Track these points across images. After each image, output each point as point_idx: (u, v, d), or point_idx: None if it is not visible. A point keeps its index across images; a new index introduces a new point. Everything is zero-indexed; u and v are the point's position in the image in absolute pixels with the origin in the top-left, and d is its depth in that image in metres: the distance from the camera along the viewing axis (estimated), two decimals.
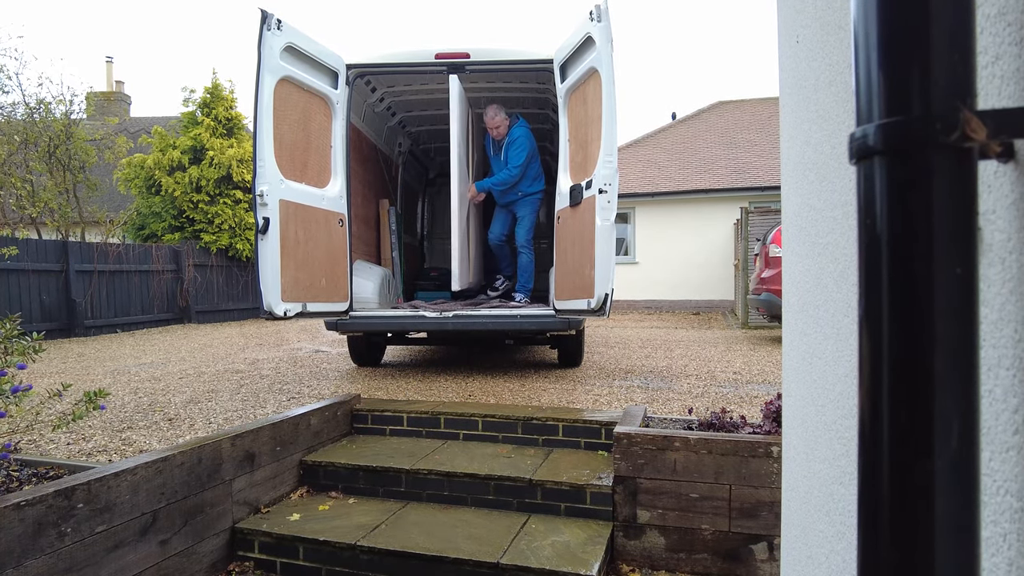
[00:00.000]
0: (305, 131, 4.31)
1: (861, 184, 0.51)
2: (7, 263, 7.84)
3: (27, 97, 11.08)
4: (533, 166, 5.41)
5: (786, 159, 1.07)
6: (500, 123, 5.28)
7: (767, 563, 2.51)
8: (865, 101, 0.50)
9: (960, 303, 0.47)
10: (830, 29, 0.87)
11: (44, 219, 10.79)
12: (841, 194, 0.84)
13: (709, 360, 5.75)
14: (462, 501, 2.85)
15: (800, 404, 1.00)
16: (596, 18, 3.88)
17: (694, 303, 14.19)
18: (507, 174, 5.23)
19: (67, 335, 8.68)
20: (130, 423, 3.33)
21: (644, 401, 3.75)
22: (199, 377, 4.86)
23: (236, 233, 11.91)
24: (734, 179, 14.25)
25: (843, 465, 0.82)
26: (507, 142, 5.28)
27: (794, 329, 1.03)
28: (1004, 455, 0.55)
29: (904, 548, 0.47)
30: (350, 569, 2.45)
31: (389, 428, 3.47)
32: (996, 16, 0.56)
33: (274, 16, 3.94)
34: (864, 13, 0.50)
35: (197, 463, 2.46)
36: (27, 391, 2.34)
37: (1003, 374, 0.56)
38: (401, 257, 6.22)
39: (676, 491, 2.60)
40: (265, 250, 3.88)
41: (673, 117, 19.29)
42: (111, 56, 29.38)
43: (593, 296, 3.90)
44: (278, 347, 7.05)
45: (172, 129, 12.53)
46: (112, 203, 14.38)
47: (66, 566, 1.93)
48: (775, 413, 2.63)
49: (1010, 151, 0.52)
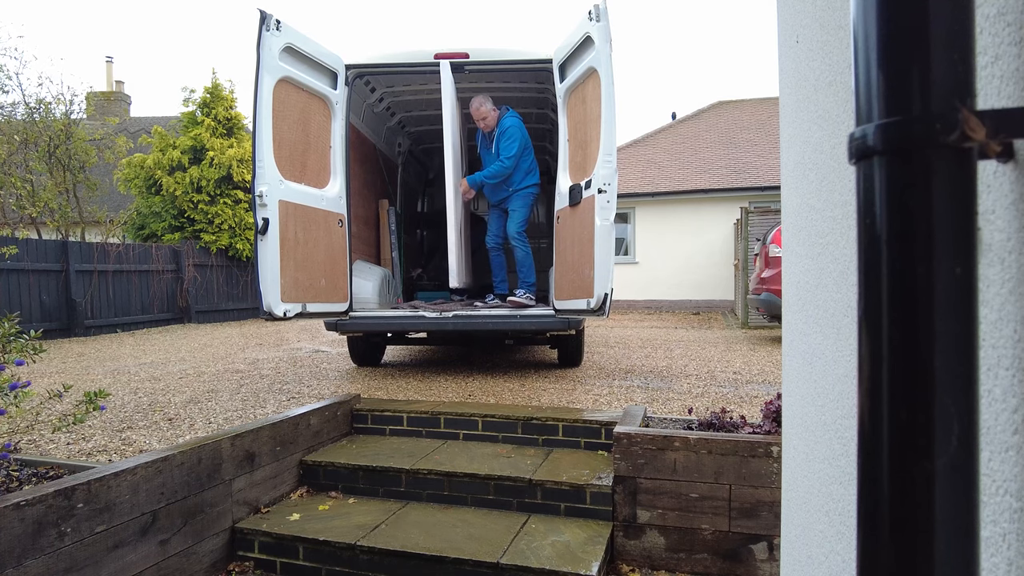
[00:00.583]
0: (304, 131, 4.31)
1: (861, 184, 0.51)
2: (7, 263, 7.84)
3: (27, 97, 11.11)
4: (526, 159, 5.12)
5: (786, 159, 1.07)
6: (486, 114, 5.02)
7: (767, 563, 2.51)
8: (865, 101, 0.50)
9: (959, 303, 0.47)
10: (830, 29, 0.87)
11: (44, 219, 10.79)
12: (841, 194, 0.84)
13: (709, 360, 5.75)
14: (462, 501, 2.85)
15: (800, 404, 1.00)
16: (595, 18, 3.88)
17: (694, 303, 14.19)
18: (499, 166, 4.96)
19: (67, 335, 8.68)
20: (130, 423, 3.33)
21: (644, 401, 3.75)
22: (199, 377, 4.86)
23: (236, 233, 11.91)
24: (734, 179, 14.25)
25: (843, 465, 0.82)
26: (497, 133, 5.03)
27: (794, 329, 1.03)
28: (1004, 455, 0.55)
29: (904, 548, 0.47)
30: (350, 569, 2.45)
31: (389, 428, 3.47)
32: (996, 16, 0.56)
33: (273, 17, 3.94)
34: (864, 13, 0.50)
35: (197, 463, 2.46)
36: (25, 388, 2.34)
37: (1003, 374, 0.56)
38: (401, 257, 6.22)
39: (676, 491, 2.60)
40: (265, 251, 3.88)
41: (673, 117, 19.29)
42: (111, 56, 29.35)
43: (593, 296, 3.91)
44: (278, 347, 7.05)
45: (172, 129, 12.54)
46: (112, 203, 14.39)
47: (66, 566, 1.93)
48: (775, 413, 2.63)
49: (1009, 151, 0.52)
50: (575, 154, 4.34)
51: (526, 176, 5.14)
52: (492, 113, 5.05)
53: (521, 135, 5.00)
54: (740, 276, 10.35)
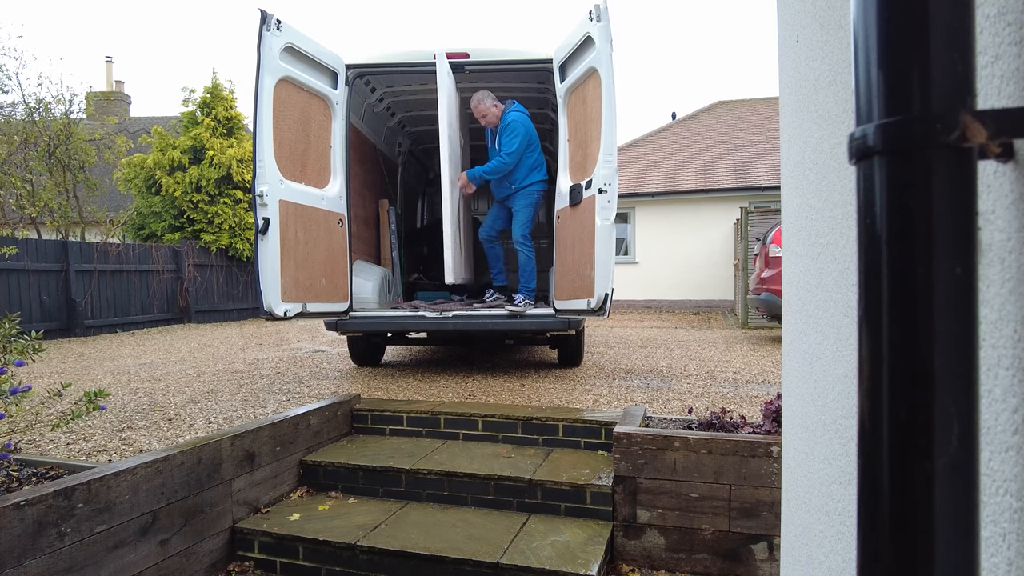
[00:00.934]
0: (305, 131, 4.31)
1: (861, 184, 0.51)
2: (7, 263, 7.84)
3: (27, 97, 11.07)
4: (530, 155, 4.94)
5: (786, 159, 1.07)
6: (486, 111, 4.91)
7: (767, 563, 2.51)
8: (865, 101, 0.50)
9: (959, 303, 0.47)
10: (830, 29, 0.87)
11: (44, 219, 10.79)
12: (841, 194, 0.84)
13: (709, 360, 5.75)
14: (462, 501, 2.85)
15: (800, 404, 1.00)
16: (595, 18, 3.88)
17: (694, 303, 14.19)
18: (498, 161, 4.81)
19: (67, 335, 8.68)
20: (130, 423, 3.33)
21: (644, 401, 3.75)
22: (199, 377, 4.86)
23: (236, 233, 11.91)
24: (734, 179, 14.25)
25: (843, 465, 0.82)
26: (500, 128, 4.90)
27: (794, 329, 1.03)
28: (1004, 455, 0.55)
29: (904, 548, 0.47)
30: (350, 569, 2.45)
31: (389, 428, 3.47)
32: (996, 16, 0.56)
33: (274, 16, 3.94)
34: (864, 13, 0.50)
35: (197, 463, 2.46)
36: (26, 392, 2.34)
37: (1003, 374, 0.56)
38: (401, 257, 6.22)
39: (676, 491, 2.60)
40: (265, 250, 3.88)
41: (673, 117, 19.29)
42: (111, 56, 29.37)
43: (593, 296, 3.91)
44: (278, 347, 7.05)
45: (172, 129, 12.54)
46: (112, 203, 14.38)
47: (66, 566, 1.93)
48: (775, 413, 2.63)
49: (1009, 151, 0.52)
50: (575, 154, 4.34)
51: (530, 172, 4.96)
52: (493, 109, 4.95)
53: (524, 130, 4.85)
54: (740, 276, 10.35)
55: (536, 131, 5.05)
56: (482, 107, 4.94)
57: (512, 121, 4.85)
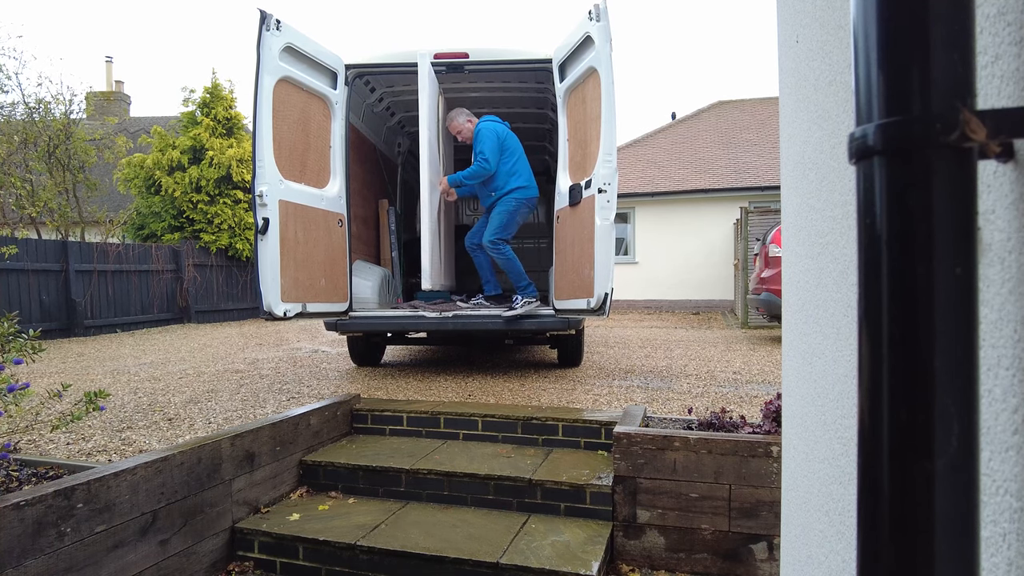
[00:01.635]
0: (304, 131, 4.31)
1: (861, 184, 0.51)
2: (7, 263, 7.83)
3: (27, 97, 11.06)
4: (506, 161, 4.87)
5: (786, 159, 1.06)
6: (460, 127, 4.95)
7: (767, 563, 2.51)
8: (865, 101, 0.50)
9: (959, 303, 0.47)
10: (830, 29, 0.87)
11: (44, 219, 10.79)
12: (841, 194, 0.84)
13: (709, 360, 5.75)
14: (462, 501, 2.85)
15: (800, 404, 1.00)
16: (595, 17, 3.88)
17: (694, 303, 14.19)
18: (476, 166, 4.75)
19: (67, 335, 8.68)
20: (130, 423, 3.33)
21: (644, 401, 3.75)
22: (199, 377, 4.86)
23: (236, 233, 11.91)
24: (734, 179, 14.25)
25: (843, 465, 0.82)
26: (473, 140, 4.89)
27: (794, 329, 1.03)
28: (1004, 455, 0.55)
29: (904, 548, 0.47)
30: (350, 569, 2.45)
31: (389, 428, 3.47)
32: (996, 16, 0.56)
33: (273, 16, 3.94)
34: (864, 13, 0.50)
35: (197, 463, 2.46)
36: (24, 390, 2.34)
37: (1003, 374, 0.56)
38: (401, 257, 6.22)
39: (676, 491, 2.60)
40: (265, 250, 3.88)
41: (673, 117, 19.30)
42: (111, 56, 29.37)
43: (593, 296, 3.91)
44: (278, 347, 7.05)
45: (172, 129, 12.53)
46: (112, 203, 14.38)
47: (66, 566, 1.93)
48: (775, 413, 2.63)
49: (1010, 151, 0.52)
50: (575, 154, 4.34)
51: (509, 179, 4.87)
52: (468, 124, 4.95)
53: (494, 135, 4.80)
54: (740, 276, 10.35)
55: (515, 138, 4.99)
56: (456, 123, 4.95)
57: (480, 130, 4.82)
